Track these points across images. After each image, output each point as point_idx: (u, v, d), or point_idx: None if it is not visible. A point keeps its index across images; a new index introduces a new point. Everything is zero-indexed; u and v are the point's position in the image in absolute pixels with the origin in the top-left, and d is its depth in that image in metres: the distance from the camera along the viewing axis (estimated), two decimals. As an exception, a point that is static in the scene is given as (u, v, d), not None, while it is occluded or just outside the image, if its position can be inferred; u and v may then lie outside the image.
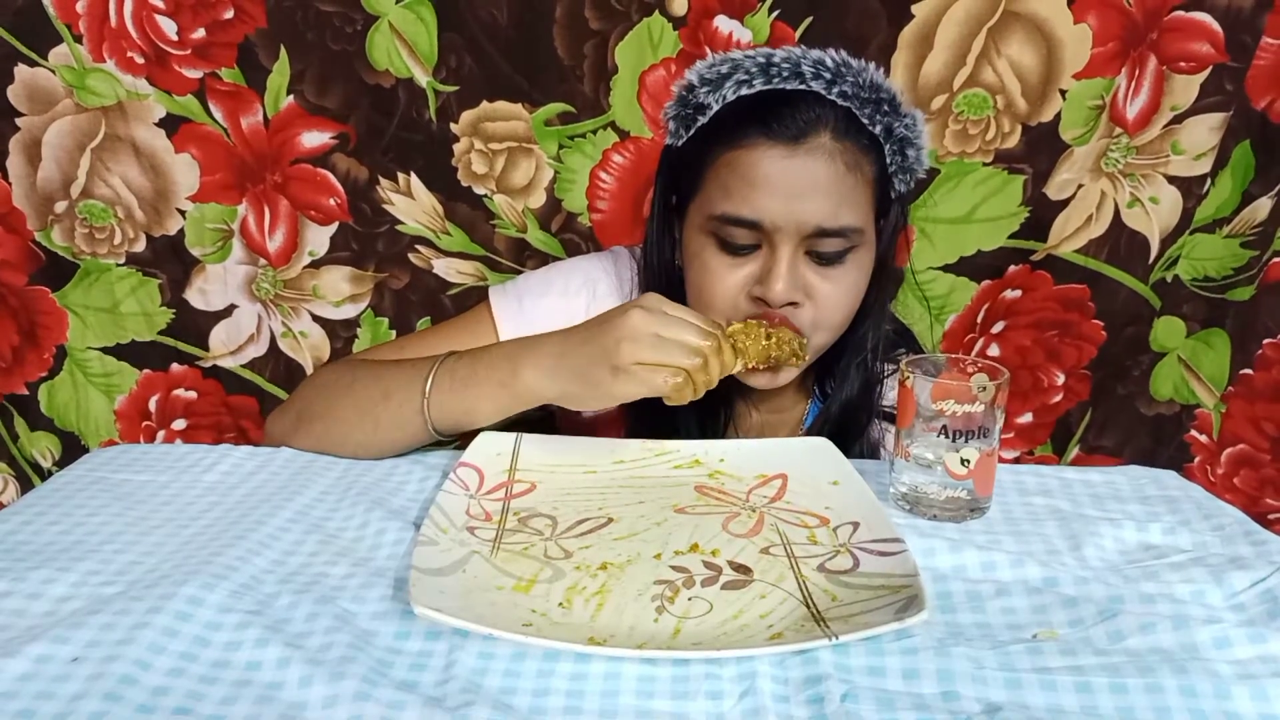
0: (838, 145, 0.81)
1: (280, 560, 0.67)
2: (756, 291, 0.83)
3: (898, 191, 0.88)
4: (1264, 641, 0.56)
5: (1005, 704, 0.52)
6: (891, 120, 0.83)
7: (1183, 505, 0.76)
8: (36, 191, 1.19)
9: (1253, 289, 1.19)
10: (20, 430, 1.29)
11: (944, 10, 1.09)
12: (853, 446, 0.87)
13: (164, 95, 1.16)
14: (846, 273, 0.85)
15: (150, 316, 1.25)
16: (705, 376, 0.74)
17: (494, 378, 0.79)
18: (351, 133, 1.17)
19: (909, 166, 0.86)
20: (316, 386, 0.90)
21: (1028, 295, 1.23)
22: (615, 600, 0.62)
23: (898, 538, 0.66)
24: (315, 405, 0.87)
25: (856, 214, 0.83)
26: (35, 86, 1.15)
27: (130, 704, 0.51)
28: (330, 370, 0.92)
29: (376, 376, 0.85)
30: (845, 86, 0.81)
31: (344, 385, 0.86)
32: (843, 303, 0.86)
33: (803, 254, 0.83)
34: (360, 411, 0.83)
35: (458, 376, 0.81)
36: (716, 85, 0.83)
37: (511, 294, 0.95)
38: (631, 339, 0.73)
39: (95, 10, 1.12)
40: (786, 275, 0.82)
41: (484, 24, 1.12)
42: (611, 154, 1.18)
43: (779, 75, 0.81)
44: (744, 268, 0.84)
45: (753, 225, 0.82)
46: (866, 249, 0.86)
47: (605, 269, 0.97)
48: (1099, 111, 1.13)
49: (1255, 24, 1.09)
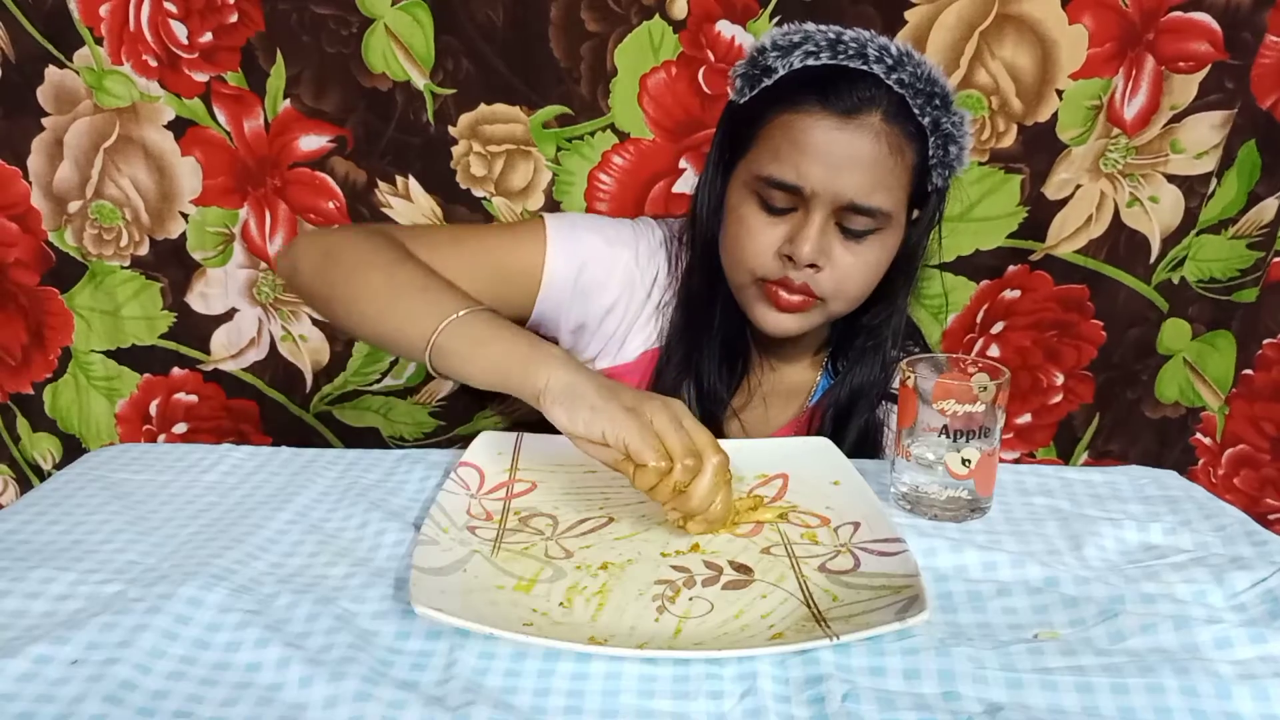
0: (886, 127, 0.84)
1: (280, 561, 0.67)
2: (785, 250, 0.87)
3: (935, 185, 0.90)
4: (1265, 641, 0.56)
5: (1006, 704, 0.52)
6: (940, 115, 0.86)
7: (1184, 505, 0.76)
8: (54, 191, 1.20)
9: (1258, 290, 1.19)
10: (22, 432, 1.29)
11: (936, 15, 1.10)
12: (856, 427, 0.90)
13: (174, 98, 1.16)
14: (869, 249, 0.88)
15: (152, 320, 1.26)
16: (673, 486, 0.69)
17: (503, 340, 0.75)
18: (349, 136, 1.17)
19: (949, 162, 0.89)
20: (360, 238, 0.87)
21: (1027, 295, 1.23)
22: (616, 600, 0.62)
23: (898, 538, 0.66)
24: (345, 253, 0.85)
25: (889, 198, 0.86)
26: (62, 87, 1.16)
27: (130, 706, 0.51)
28: (379, 232, 0.89)
29: (414, 267, 0.83)
30: (904, 74, 0.84)
31: (368, 254, 0.84)
32: (860, 275, 0.89)
33: (833, 224, 0.87)
34: (382, 288, 0.81)
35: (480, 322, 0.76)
36: (787, 52, 0.86)
37: (566, 220, 0.97)
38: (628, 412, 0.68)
39: (117, 13, 1.13)
40: (816, 239, 0.85)
41: (480, 26, 1.12)
42: (611, 155, 1.18)
43: (845, 53, 0.84)
44: (779, 228, 0.88)
45: (794, 190, 0.85)
46: (893, 232, 0.89)
47: (650, 233, 1.00)
48: (1096, 112, 1.13)
49: (1255, 21, 1.09)
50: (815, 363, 1.03)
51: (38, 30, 1.13)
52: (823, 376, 1.02)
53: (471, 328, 0.76)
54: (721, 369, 0.97)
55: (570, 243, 0.94)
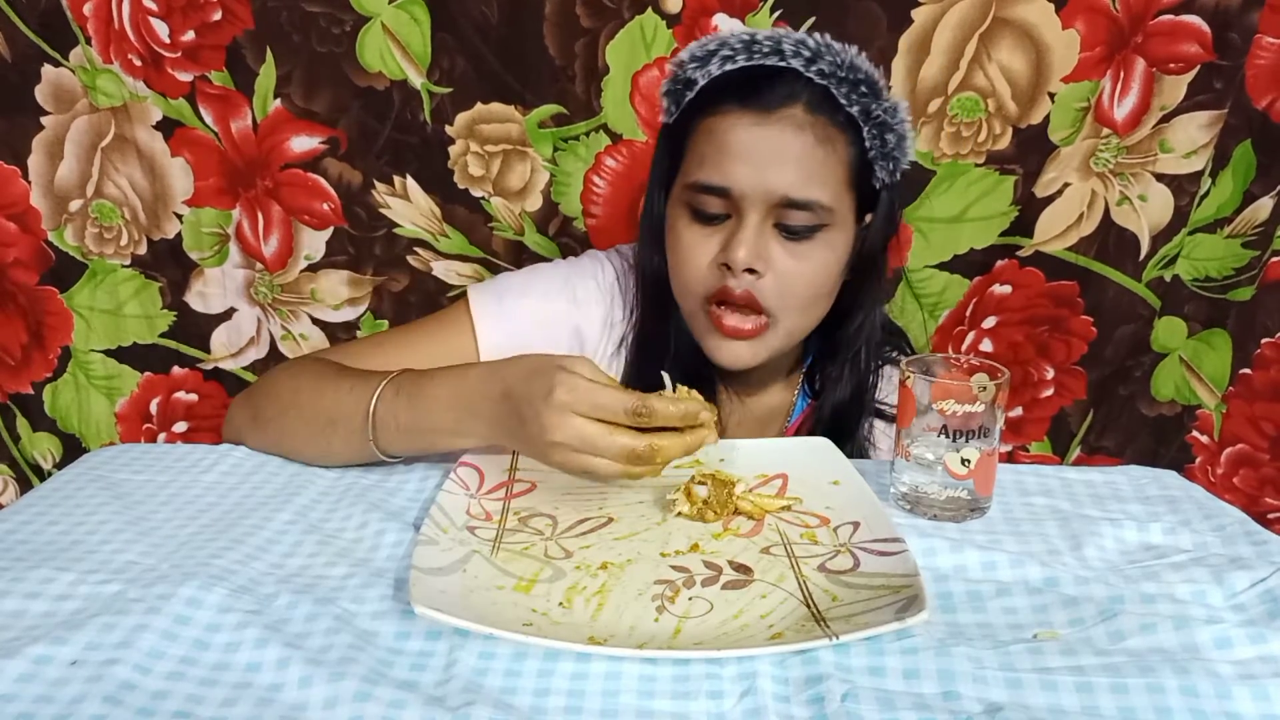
0: (809, 118, 0.82)
1: (280, 561, 0.67)
2: (721, 257, 0.85)
3: (883, 181, 0.87)
4: (1265, 641, 0.56)
5: (1006, 704, 0.52)
6: (869, 102, 0.84)
7: (1183, 505, 0.76)
8: (54, 190, 1.20)
9: (1253, 289, 1.19)
10: (22, 431, 1.29)
11: (940, 15, 1.10)
12: (845, 445, 0.87)
13: (160, 98, 1.16)
14: (814, 250, 0.85)
15: (151, 319, 1.26)
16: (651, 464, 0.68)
17: (442, 427, 0.76)
18: (342, 137, 1.17)
19: (890, 153, 0.86)
20: (269, 388, 0.86)
21: (1019, 291, 1.23)
22: (616, 600, 0.62)
23: (898, 537, 0.66)
24: (267, 409, 0.84)
25: (826, 191, 0.83)
26: (60, 86, 1.16)
27: (130, 706, 0.51)
28: (283, 371, 0.88)
29: (319, 395, 0.81)
30: (823, 65, 0.83)
31: (291, 395, 0.83)
32: (806, 279, 0.86)
33: (771, 226, 0.84)
34: (310, 432, 0.81)
35: (402, 422, 0.77)
36: (704, 61, 0.85)
37: (491, 294, 0.94)
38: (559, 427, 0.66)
39: (101, 11, 1.12)
40: (750, 241, 0.83)
41: (475, 23, 1.11)
42: (604, 157, 1.17)
43: (760, 52, 0.83)
44: (714, 238, 0.86)
45: (723, 192, 0.83)
46: (839, 231, 0.86)
47: (587, 273, 0.97)
48: (1084, 113, 1.13)
49: (1243, 22, 1.09)
50: (788, 385, 1.01)
51: (32, 30, 1.13)
52: (799, 397, 1.00)
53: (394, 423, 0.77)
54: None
55: (498, 318, 0.92)
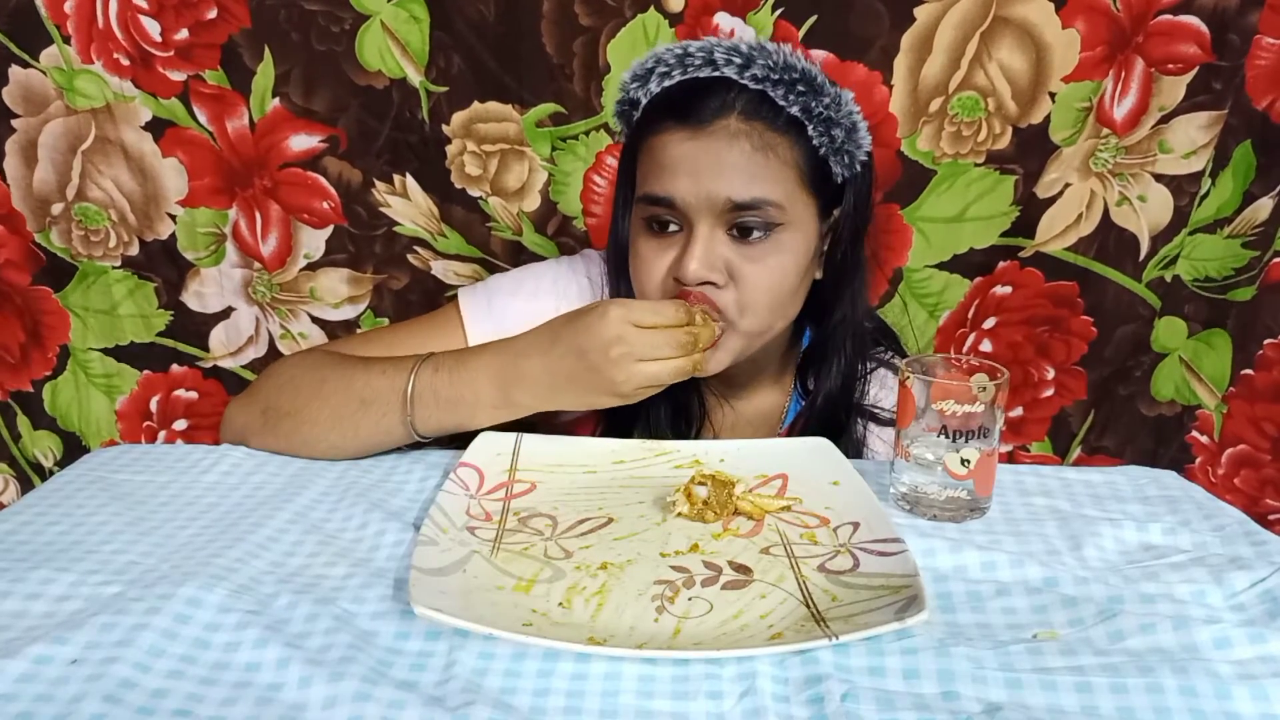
0: (744, 126, 0.82)
1: (280, 561, 0.67)
2: (675, 271, 0.85)
3: (842, 176, 0.87)
4: (1264, 641, 0.56)
5: (1005, 704, 0.52)
6: (809, 100, 0.82)
7: (1183, 505, 0.76)
8: (33, 194, 1.18)
9: (1254, 289, 1.19)
10: (23, 430, 1.29)
11: (942, 14, 1.10)
12: (838, 441, 0.86)
13: (149, 98, 1.14)
14: (770, 252, 0.84)
15: (148, 319, 1.25)
16: (698, 352, 0.78)
17: (484, 400, 0.80)
18: (342, 136, 1.16)
19: (841, 148, 0.85)
20: (282, 381, 0.87)
21: (1019, 291, 1.23)
22: (615, 600, 0.62)
23: (898, 538, 0.66)
24: (282, 402, 0.85)
25: (774, 188, 0.83)
26: (29, 88, 1.14)
27: (130, 706, 0.51)
28: (295, 365, 0.89)
29: (348, 379, 0.83)
30: (756, 70, 0.82)
31: (313, 385, 0.84)
32: (767, 283, 0.85)
33: (722, 233, 0.84)
34: (336, 417, 0.82)
35: (442, 397, 0.80)
36: (644, 80, 0.86)
37: (481, 294, 0.95)
38: (620, 340, 0.75)
39: (83, 10, 1.10)
40: (700, 254, 0.83)
41: (472, 21, 1.11)
42: (605, 156, 1.17)
43: (693, 65, 0.84)
44: (669, 250, 0.86)
45: (668, 203, 0.84)
46: (796, 232, 0.85)
47: (575, 272, 0.97)
48: (1086, 113, 1.13)
49: (1242, 23, 1.09)
50: (781, 386, 1.00)
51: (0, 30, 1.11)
52: (793, 399, 0.99)
53: (434, 397, 0.80)
54: (676, 417, 0.94)
55: (488, 319, 0.92)
